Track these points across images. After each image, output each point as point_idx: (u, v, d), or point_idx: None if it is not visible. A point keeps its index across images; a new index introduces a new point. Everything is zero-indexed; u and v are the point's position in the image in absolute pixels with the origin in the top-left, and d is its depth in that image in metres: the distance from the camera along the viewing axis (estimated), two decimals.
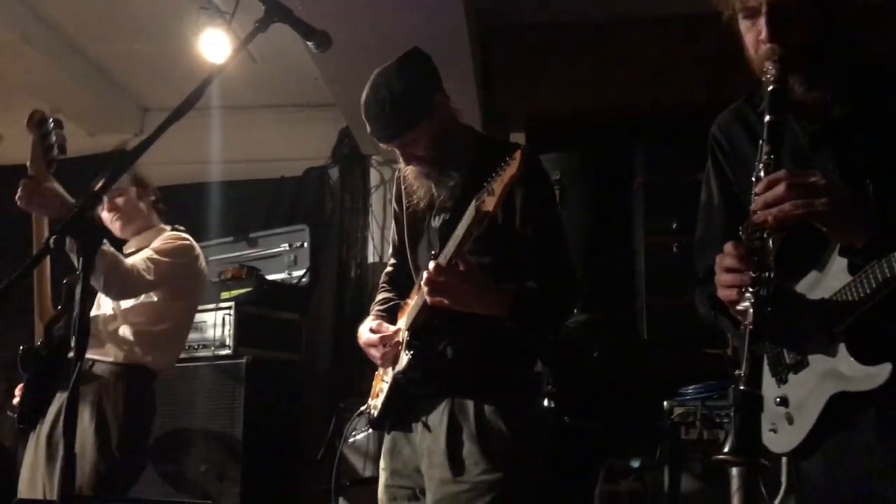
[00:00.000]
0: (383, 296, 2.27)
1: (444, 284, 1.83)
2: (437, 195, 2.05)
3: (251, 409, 3.79)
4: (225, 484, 3.69)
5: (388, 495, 2.09)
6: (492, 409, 1.93)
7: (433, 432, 1.98)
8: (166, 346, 2.86)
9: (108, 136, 5.29)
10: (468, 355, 1.98)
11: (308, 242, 4.51)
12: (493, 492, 1.88)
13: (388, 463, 2.11)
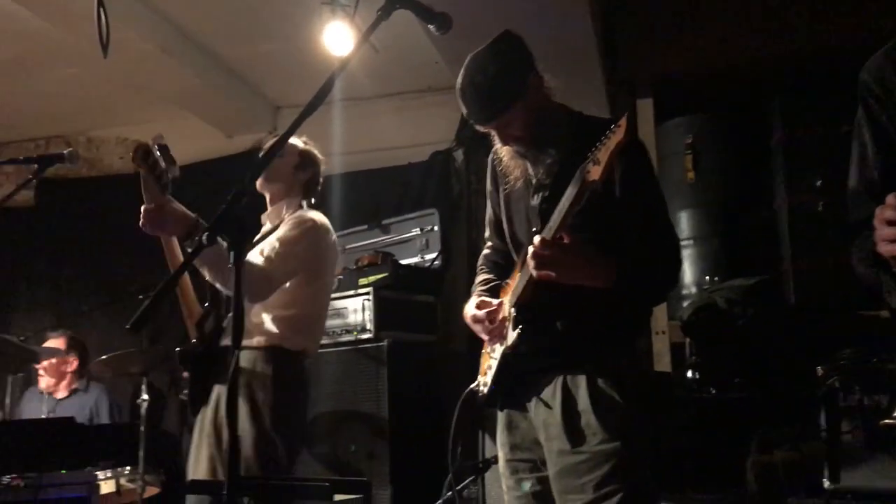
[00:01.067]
0: (483, 277, 2.29)
1: (550, 258, 1.83)
2: (534, 174, 2.06)
3: (395, 389, 3.90)
4: (374, 463, 3.81)
5: (509, 469, 2.13)
6: (604, 380, 1.95)
7: (548, 406, 2.00)
8: (305, 329, 2.92)
9: (244, 137, 5.55)
10: (577, 328, 1.98)
11: (438, 225, 4.58)
12: (611, 460, 1.90)
13: (506, 438, 2.13)
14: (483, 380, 2.17)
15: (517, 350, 2.00)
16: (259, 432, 2.71)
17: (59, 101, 5.38)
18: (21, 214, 5.52)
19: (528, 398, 2.06)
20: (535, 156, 2.03)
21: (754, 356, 3.45)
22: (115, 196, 5.69)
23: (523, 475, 2.09)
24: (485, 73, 1.95)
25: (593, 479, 1.90)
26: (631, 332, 2.10)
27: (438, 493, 3.71)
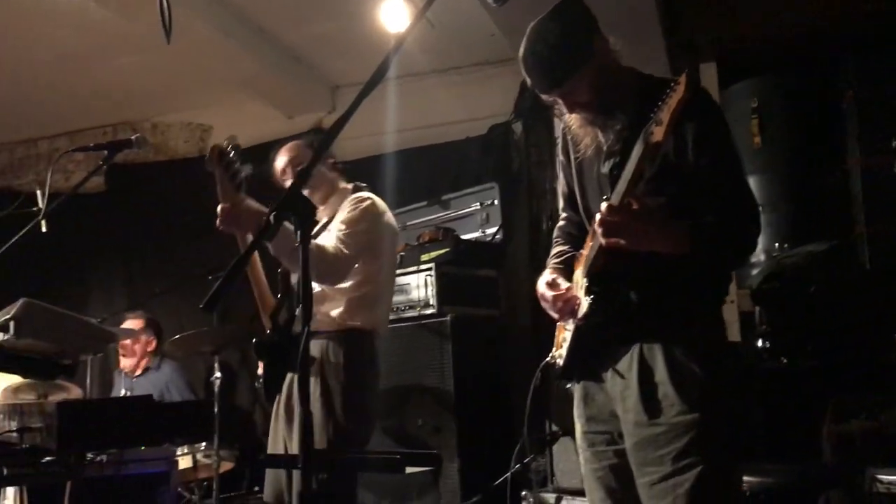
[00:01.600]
0: (558, 249, 2.26)
1: (619, 224, 1.79)
2: (605, 141, 2.01)
3: (459, 364, 3.92)
4: (441, 436, 3.85)
5: (586, 442, 2.11)
6: (682, 350, 1.90)
7: (624, 377, 1.96)
8: (372, 307, 2.96)
9: (304, 117, 5.61)
10: (652, 297, 1.93)
11: (498, 199, 4.56)
12: (690, 432, 1.85)
13: (583, 411, 2.11)
14: (558, 352, 2.15)
15: (590, 320, 1.96)
16: (331, 417, 2.76)
17: (125, 89, 5.51)
18: (92, 200, 5.68)
19: (604, 369, 2.03)
20: (604, 122, 1.98)
21: (827, 324, 3.36)
22: (181, 179, 5.84)
23: (600, 448, 2.07)
24: (547, 40, 1.92)
25: (671, 452, 1.87)
26: (709, 300, 2.02)
27: (505, 466, 3.73)
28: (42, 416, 2.12)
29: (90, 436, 2.07)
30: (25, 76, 5.25)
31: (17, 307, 2.16)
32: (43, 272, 5.55)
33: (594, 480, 2.09)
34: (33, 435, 2.18)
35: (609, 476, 2.04)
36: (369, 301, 2.94)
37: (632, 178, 1.77)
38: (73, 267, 5.99)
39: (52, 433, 2.02)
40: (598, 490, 2.08)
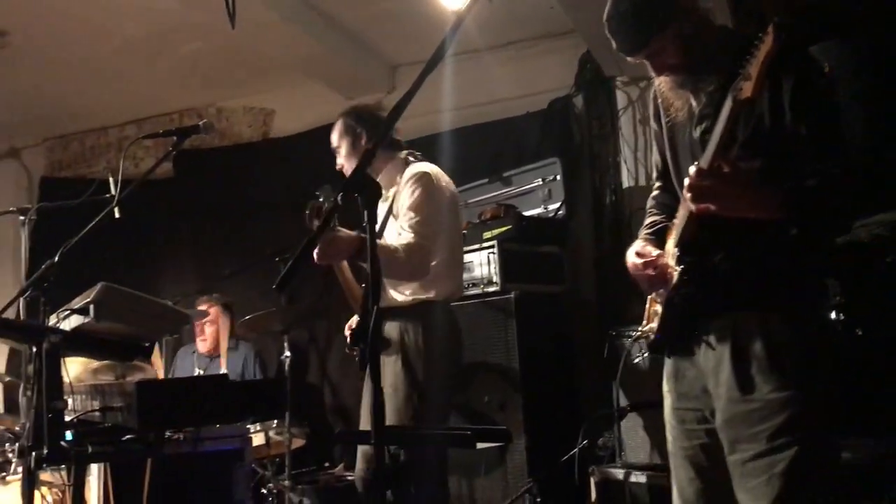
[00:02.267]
0: (651, 219, 2.19)
1: (709, 189, 1.71)
2: (696, 104, 1.92)
3: (524, 341, 3.92)
4: (507, 413, 3.86)
5: (676, 418, 2.04)
6: (778, 322, 1.81)
7: (717, 351, 1.88)
8: (447, 273, 2.99)
9: (364, 98, 5.62)
10: (746, 266, 1.84)
11: (560, 174, 4.51)
12: (787, 410, 1.77)
13: (673, 386, 2.05)
14: (649, 325, 2.09)
15: (681, 291, 1.90)
16: (412, 386, 2.80)
17: (189, 76, 5.62)
18: (161, 186, 5.82)
19: (695, 343, 1.95)
20: (695, 84, 1.90)
21: None
22: (246, 163, 5.95)
23: (690, 426, 2.00)
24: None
25: (766, 429, 1.78)
26: (809, 269, 1.90)
27: (572, 443, 3.73)
28: (122, 395, 2.20)
29: (168, 414, 2.14)
30: (93, 67, 5.39)
31: (95, 291, 2.24)
32: (116, 256, 5.73)
33: (682, 459, 2.03)
34: (115, 414, 2.27)
35: (700, 455, 1.98)
36: (444, 268, 2.96)
37: (721, 139, 1.69)
38: (145, 251, 6.16)
39: (132, 412, 2.10)
40: (686, 468, 2.01)
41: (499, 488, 3.88)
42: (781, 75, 1.62)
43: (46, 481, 3.59)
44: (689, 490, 2.01)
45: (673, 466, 2.08)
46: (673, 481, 2.09)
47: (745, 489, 1.83)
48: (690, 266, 1.87)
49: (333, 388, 5.35)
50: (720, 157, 1.71)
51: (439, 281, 2.95)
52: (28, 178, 7.01)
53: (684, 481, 2.02)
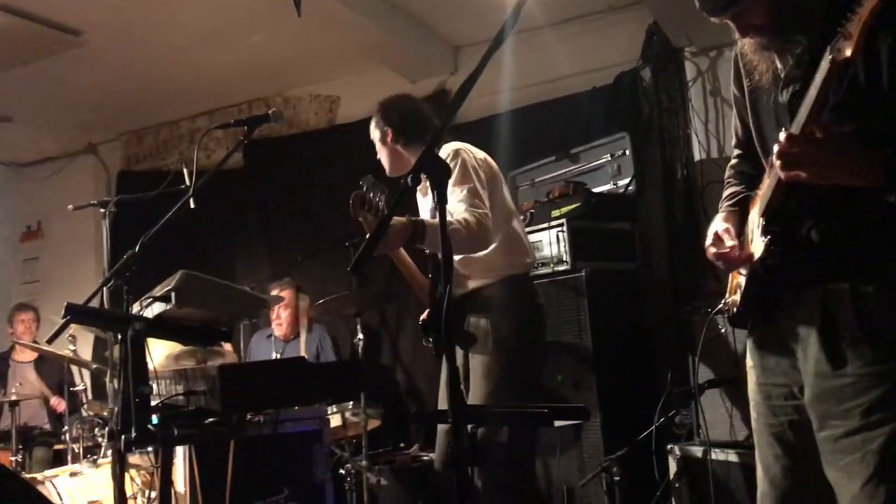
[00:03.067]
0: (730, 190, 2.10)
1: (800, 155, 1.62)
2: (782, 67, 1.82)
3: (596, 319, 3.88)
4: (581, 392, 3.84)
5: (761, 394, 1.97)
6: (873, 294, 1.71)
7: (805, 324, 1.80)
8: (514, 245, 2.98)
9: (427, 81, 5.64)
10: (838, 235, 1.74)
11: (629, 149, 4.43)
12: (883, 384, 1.67)
13: (758, 361, 1.97)
14: (731, 299, 2.01)
15: (767, 263, 1.82)
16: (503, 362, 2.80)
17: (256, 66, 5.72)
18: (233, 176, 5.95)
19: (781, 316, 1.87)
20: (782, 46, 1.79)
21: None
22: (313, 150, 6.03)
23: (777, 402, 1.92)
24: None
25: (860, 405, 1.69)
26: None
27: (648, 420, 3.69)
28: (205, 379, 2.26)
29: (250, 397, 2.19)
30: (164, 60, 5.53)
31: (176, 279, 2.30)
32: (192, 246, 5.89)
33: (768, 436, 1.95)
34: (198, 397, 2.33)
35: (787, 432, 1.90)
36: (506, 244, 2.95)
37: (815, 103, 1.59)
38: (219, 239, 6.32)
39: (215, 395, 2.15)
40: (772, 446, 1.94)
41: (574, 468, 3.87)
42: (878, 32, 1.52)
43: (135, 464, 3.74)
44: (775, 468, 1.94)
45: (758, 444, 2.01)
46: (758, 459, 2.02)
47: (837, 467, 1.76)
48: (778, 236, 1.79)
49: (406, 370, 5.41)
50: (813, 121, 1.61)
51: (515, 252, 2.95)
52: (106, 173, 7.26)
53: (770, 459, 1.95)
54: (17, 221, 7.71)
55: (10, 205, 7.69)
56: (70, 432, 4.47)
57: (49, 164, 7.45)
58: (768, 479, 1.97)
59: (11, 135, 6.82)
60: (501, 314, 2.87)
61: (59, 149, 7.31)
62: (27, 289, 7.48)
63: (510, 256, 2.95)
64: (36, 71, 5.53)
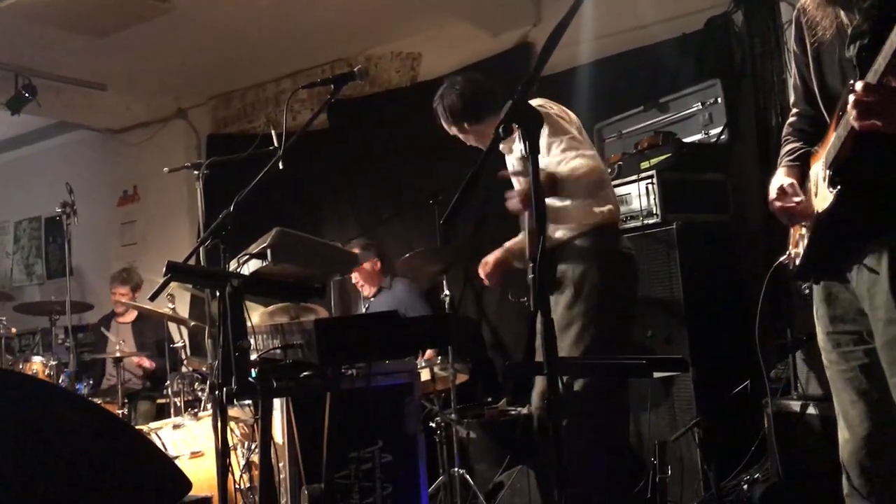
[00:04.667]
0: (790, 146, 2.11)
1: (876, 104, 1.62)
2: (848, 21, 1.81)
3: (688, 273, 3.80)
4: (673, 347, 3.78)
5: (831, 343, 2.00)
6: None
7: (872, 273, 1.82)
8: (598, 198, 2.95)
9: (509, 34, 5.55)
10: None
11: (721, 97, 4.27)
12: None
13: (825, 311, 2.00)
14: (794, 251, 2.04)
15: (834, 214, 1.83)
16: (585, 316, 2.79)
17: (337, 25, 5.74)
18: (318, 137, 6.01)
19: (848, 266, 1.91)
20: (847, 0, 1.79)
21: None
22: (396, 108, 6.04)
23: (847, 348, 1.96)
24: None
25: None
26: None
27: (741, 375, 3.61)
28: (302, 333, 2.32)
29: (345, 350, 2.24)
30: (249, 24, 5.61)
31: (271, 236, 2.35)
32: (280, 205, 6.01)
33: (842, 382, 1.99)
34: (295, 351, 2.40)
35: (860, 377, 1.94)
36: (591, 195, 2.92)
37: (894, 53, 1.58)
38: (307, 199, 6.43)
39: (312, 348, 2.21)
40: (847, 392, 1.98)
41: (666, 423, 3.83)
42: None
43: (234, 416, 3.89)
44: (852, 413, 1.98)
45: (834, 392, 2.05)
46: (836, 407, 2.06)
47: None
48: (846, 187, 1.80)
49: (491, 326, 5.43)
50: (891, 72, 1.61)
51: (596, 205, 2.91)
52: (196, 137, 7.46)
53: (847, 405, 2.00)
54: (115, 186, 8.02)
55: (108, 170, 8.00)
56: (171, 387, 4.68)
57: (142, 129, 7.69)
58: (847, 426, 2.01)
59: (106, 102, 7.07)
60: (589, 265, 2.85)
61: (151, 114, 7.54)
62: (126, 251, 7.81)
63: (596, 207, 2.92)
64: (127, 38, 5.70)
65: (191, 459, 3.90)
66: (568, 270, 2.86)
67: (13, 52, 5.91)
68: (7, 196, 8.94)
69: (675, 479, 3.58)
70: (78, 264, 7.60)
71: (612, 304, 2.84)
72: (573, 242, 2.91)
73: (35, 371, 5.23)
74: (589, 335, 2.75)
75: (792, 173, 2.04)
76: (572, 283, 2.84)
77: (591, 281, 2.82)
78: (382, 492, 3.24)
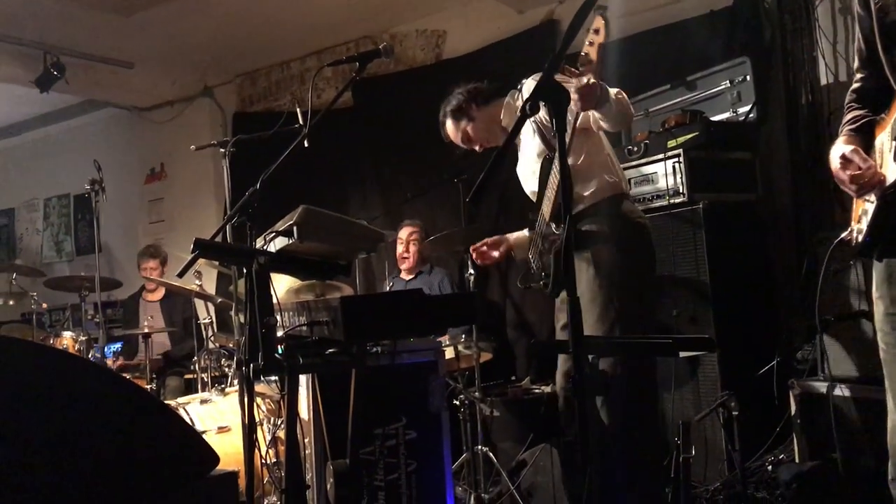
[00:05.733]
0: (853, 114, 2.02)
1: None
2: None
3: (714, 252, 3.78)
4: (699, 326, 3.76)
5: (889, 324, 1.92)
6: None
7: None
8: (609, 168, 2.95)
9: (535, 11, 5.50)
10: None
11: (750, 75, 4.21)
12: None
13: (886, 291, 1.92)
14: (857, 227, 1.95)
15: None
16: (607, 291, 2.77)
17: (362, 4, 5.72)
18: (343, 115, 6.03)
19: None
20: None
21: None
22: (421, 86, 6.01)
23: None
24: None
25: None
26: None
27: (767, 355, 3.58)
28: (328, 310, 2.33)
29: (370, 327, 2.25)
30: (274, 2, 5.61)
31: (297, 213, 2.36)
32: (306, 183, 6.02)
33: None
34: (321, 328, 2.41)
35: None
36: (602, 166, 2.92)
37: None
38: (332, 177, 6.44)
39: (338, 325, 2.22)
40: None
41: (690, 403, 3.82)
42: None
43: (260, 392, 3.93)
44: None
45: (887, 374, 1.98)
46: (888, 389, 1.99)
47: None
48: None
49: (515, 305, 5.43)
50: None
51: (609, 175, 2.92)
52: (222, 115, 7.50)
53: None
54: (142, 164, 8.10)
55: (135, 148, 8.08)
56: (199, 363, 4.74)
57: (168, 108, 7.75)
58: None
59: (133, 80, 7.11)
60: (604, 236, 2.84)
61: (177, 93, 7.58)
62: (154, 228, 7.89)
63: (609, 177, 2.92)
64: (154, 16, 5.72)
65: (217, 434, 3.96)
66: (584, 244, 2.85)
67: (42, 31, 5.96)
68: (37, 173, 9.07)
69: (698, 460, 3.58)
70: (106, 241, 7.70)
71: (633, 277, 2.82)
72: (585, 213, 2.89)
73: (65, 346, 5.31)
74: (614, 309, 2.73)
75: (854, 141, 1.95)
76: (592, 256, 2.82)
77: (611, 253, 2.80)
78: (407, 468, 3.27)
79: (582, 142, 2.89)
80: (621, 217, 2.91)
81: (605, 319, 2.71)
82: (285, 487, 2.39)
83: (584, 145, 2.91)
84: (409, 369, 3.28)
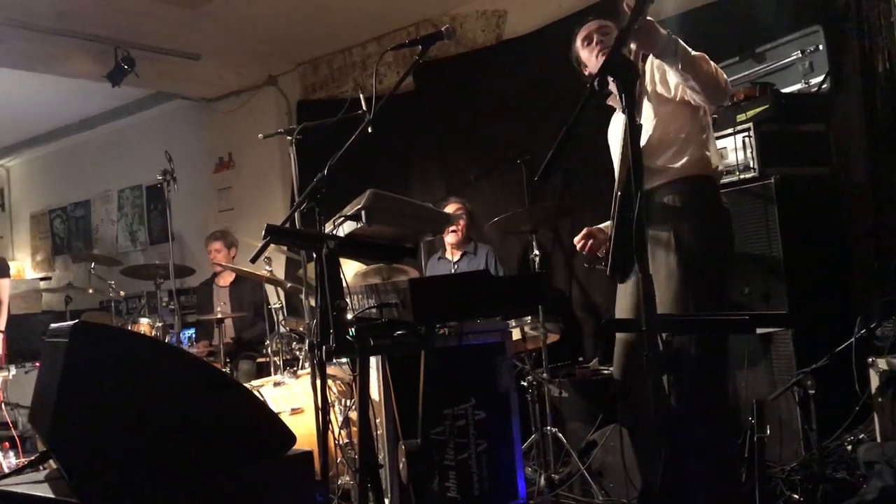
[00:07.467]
0: None
1: None
2: None
3: (787, 228, 3.68)
4: (771, 304, 3.67)
5: None
6: None
7: None
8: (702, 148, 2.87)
9: None
10: None
11: (823, 44, 4.06)
12: None
13: None
14: None
15: None
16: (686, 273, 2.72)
17: None
18: (405, 99, 6.03)
19: None
20: None
21: None
22: (482, 68, 6.00)
23: None
24: None
25: None
26: None
27: (843, 333, 3.48)
28: (397, 292, 2.36)
29: (439, 308, 2.27)
30: None
31: (365, 197, 2.39)
32: (370, 168, 6.08)
33: None
34: (390, 310, 2.44)
35: None
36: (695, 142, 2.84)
37: None
38: (396, 161, 6.49)
39: (407, 307, 2.24)
40: None
41: (764, 381, 3.74)
42: None
43: (331, 374, 4.00)
44: None
45: None
46: None
47: None
48: None
49: (581, 286, 5.39)
50: None
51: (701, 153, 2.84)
52: (286, 103, 7.60)
53: None
54: (211, 154, 8.28)
55: (203, 138, 8.26)
56: (270, 346, 4.84)
57: (234, 97, 7.89)
58: None
59: (199, 71, 7.26)
60: (688, 213, 2.77)
61: (243, 82, 7.71)
62: (223, 216, 8.07)
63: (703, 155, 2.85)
64: (217, 8, 5.83)
65: (291, 416, 4.05)
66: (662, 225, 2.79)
67: (112, 27, 6.13)
68: (110, 165, 9.37)
69: (773, 439, 3.51)
70: (178, 230, 7.92)
71: (713, 264, 2.76)
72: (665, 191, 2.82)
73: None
74: (691, 293, 2.68)
75: None
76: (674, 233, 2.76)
77: (694, 233, 2.74)
78: (476, 448, 3.30)
79: (680, 112, 2.82)
80: (710, 198, 2.84)
81: (682, 300, 2.67)
82: (359, 467, 2.43)
83: (683, 116, 2.83)
84: (478, 350, 3.30)
